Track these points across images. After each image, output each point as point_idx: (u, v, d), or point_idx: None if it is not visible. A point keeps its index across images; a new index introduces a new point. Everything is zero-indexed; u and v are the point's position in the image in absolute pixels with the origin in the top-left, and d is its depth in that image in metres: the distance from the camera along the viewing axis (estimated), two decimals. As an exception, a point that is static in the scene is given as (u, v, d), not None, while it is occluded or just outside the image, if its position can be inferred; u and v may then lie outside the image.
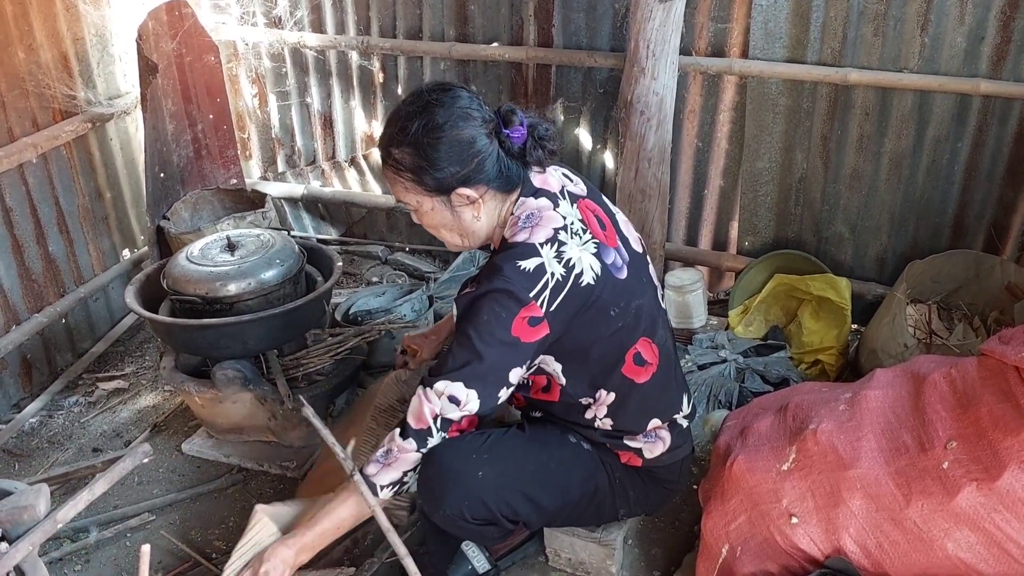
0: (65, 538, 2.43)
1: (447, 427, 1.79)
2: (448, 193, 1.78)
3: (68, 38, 3.18)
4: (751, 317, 3.13)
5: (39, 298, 3.14)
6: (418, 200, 1.82)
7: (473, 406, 1.76)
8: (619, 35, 3.17)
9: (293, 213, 4.06)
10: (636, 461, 2.01)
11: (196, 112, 3.42)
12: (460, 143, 1.73)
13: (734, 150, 3.18)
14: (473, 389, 1.74)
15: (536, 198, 1.83)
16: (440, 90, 1.77)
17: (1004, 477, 1.64)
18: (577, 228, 1.82)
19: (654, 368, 1.93)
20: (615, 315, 1.82)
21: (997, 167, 2.83)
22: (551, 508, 1.97)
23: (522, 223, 1.79)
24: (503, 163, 1.77)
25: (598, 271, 1.79)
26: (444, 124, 1.73)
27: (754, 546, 1.92)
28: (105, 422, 2.99)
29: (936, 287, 2.91)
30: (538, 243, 1.75)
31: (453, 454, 1.85)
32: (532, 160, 1.80)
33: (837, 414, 1.93)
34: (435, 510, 1.89)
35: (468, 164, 1.74)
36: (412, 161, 1.75)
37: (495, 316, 1.72)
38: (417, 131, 1.73)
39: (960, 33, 2.70)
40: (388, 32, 3.59)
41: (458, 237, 1.89)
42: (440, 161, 1.74)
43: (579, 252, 1.78)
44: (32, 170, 3.04)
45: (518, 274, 1.72)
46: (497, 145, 1.77)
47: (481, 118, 1.76)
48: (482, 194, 1.79)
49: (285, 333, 2.65)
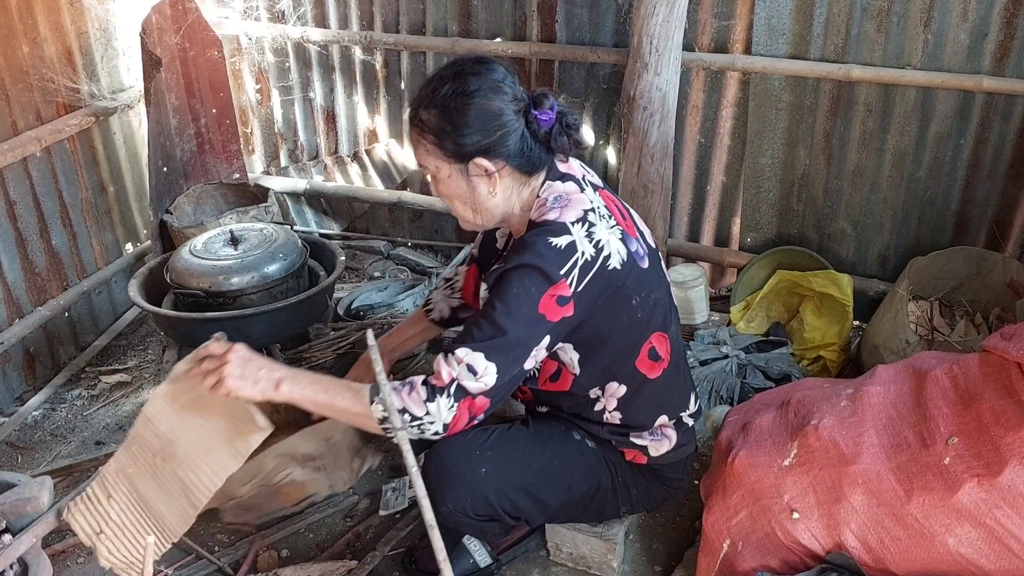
0: (68, 531, 2.43)
1: (460, 396, 1.71)
2: (466, 161, 1.77)
3: (72, 32, 3.18)
4: (753, 313, 3.13)
5: (42, 291, 3.15)
6: (437, 165, 1.80)
7: (490, 379, 1.70)
8: (622, 31, 3.17)
9: (296, 208, 4.07)
10: (641, 459, 2.01)
11: (199, 106, 3.42)
12: (486, 113, 1.73)
13: (736, 146, 3.18)
14: (493, 362, 1.70)
15: (563, 182, 1.84)
16: (477, 61, 1.79)
17: (1005, 473, 1.64)
18: (603, 212, 1.83)
19: (666, 364, 1.94)
20: (636, 304, 1.83)
21: (1000, 164, 2.83)
22: (553, 505, 1.98)
23: (551, 204, 1.80)
24: (526, 142, 1.77)
25: (624, 256, 1.80)
26: (474, 92, 1.73)
27: (755, 541, 1.92)
28: (108, 415, 3.00)
29: (938, 284, 2.91)
30: (569, 222, 1.76)
31: (456, 451, 1.86)
32: (556, 146, 1.80)
33: (839, 410, 1.93)
34: (438, 506, 1.88)
35: (491, 135, 1.74)
36: (437, 124, 1.75)
37: (524, 290, 1.71)
38: (447, 94, 1.74)
39: (963, 30, 2.70)
40: (391, 27, 3.60)
41: (471, 212, 1.86)
42: (464, 127, 1.73)
43: (607, 235, 1.78)
44: (36, 164, 3.05)
45: (550, 250, 1.72)
46: (524, 124, 1.77)
47: (512, 95, 1.77)
48: (500, 169, 1.78)
49: (288, 327, 2.66)
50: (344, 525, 2.43)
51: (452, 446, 1.86)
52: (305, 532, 2.42)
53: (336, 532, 2.40)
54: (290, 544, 2.37)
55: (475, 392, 1.72)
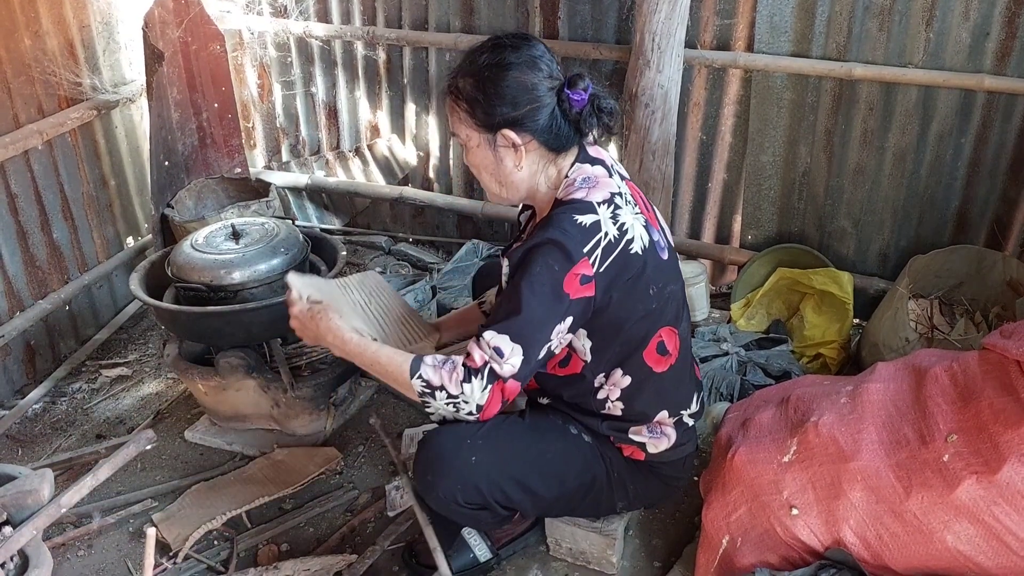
0: (68, 523, 2.44)
1: (492, 379, 1.73)
2: (494, 131, 1.80)
3: (74, 25, 3.18)
4: (753, 310, 3.14)
5: (43, 285, 3.15)
6: (468, 133, 1.84)
7: (516, 361, 1.72)
8: (624, 28, 3.17)
9: (297, 203, 4.07)
10: (639, 455, 2.01)
11: (201, 101, 3.42)
12: (519, 86, 1.76)
13: (738, 144, 3.18)
14: (518, 344, 1.72)
15: (593, 165, 1.87)
16: (517, 36, 1.82)
17: (1004, 470, 1.64)
18: (629, 199, 1.86)
19: (673, 360, 1.94)
20: (652, 294, 1.84)
21: (1000, 163, 2.83)
22: (547, 497, 1.98)
23: (579, 184, 1.82)
24: (556, 120, 1.79)
25: (646, 243, 1.82)
26: (509, 64, 1.77)
27: (754, 537, 1.93)
28: (108, 409, 3.00)
29: (938, 282, 2.91)
30: (596, 201, 1.78)
31: (448, 439, 1.88)
32: (587, 128, 1.82)
33: (838, 407, 1.93)
34: (429, 492, 1.92)
35: (520, 108, 1.77)
36: (471, 92, 1.79)
37: (547, 269, 1.72)
38: (483, 64, 1.78)
39: (965, 29, 2.70)
40: (394, 23, 3.60)
41: (496, 184, 1.89)
42: (495, 97, 1.77)
43: (632, 219, 1.81)
44: (37, 157, 3.05)
45: (575, 227, 1.74)
46: (556, 102, 1.79)
47: (548, 72, 1.79)
48: (526, 143, 1.80)
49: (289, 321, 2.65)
50: (344, 519, 2.44)
51: (444, 434, 1.89)
52: (305, 526, 2.42)
53: (336, 526, 2.41)
54: (290, 538, 2.38)
55: (505, 376, 1.74)
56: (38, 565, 1.76)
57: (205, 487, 2.53)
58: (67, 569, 2.32)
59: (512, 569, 2.24)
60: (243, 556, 2.32)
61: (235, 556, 2.30)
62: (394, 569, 2.26)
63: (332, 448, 2.68)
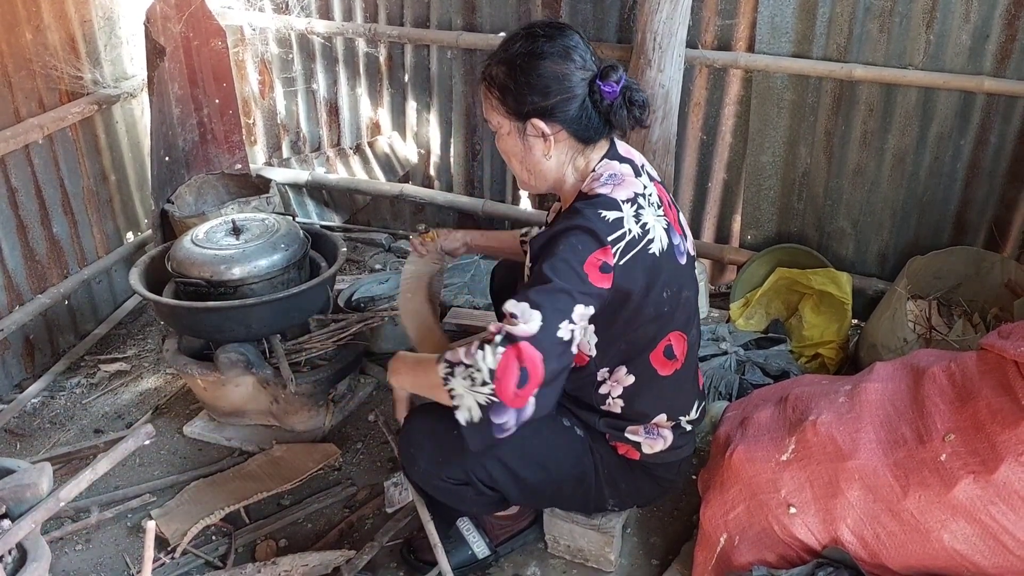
0: (66, 518, 2.44)
1: (506, 342, 1.62)
2: (524, 120, 1.80)
3: (76, 20, 3.18)
4: (752, 310, 3.14)
5: (43, 279, 3.15)
6: (499, 121, 1.84)
7: (534, 325, 1.63)
8: (626, 27, 3.17)
9: (297, 199, 4.07)
10: (634, 454, 2.00)
11: (202, 96, 3.43)
12: (551, 75, 1.76)
13: (738, 144, 3.19)
14: (537, 309, 1.64)
15: (621, 163, 1.86)
16: (552, 25, 1.81)
17: (1001, 470, 1.65)
18: (654, 201, 1.85)
19: (679, 365, 1.94)
20: (666, 297, 1.84)
21: (999, 165, 2.84)
22: (531, 482, 1.97)
23: (604, 180, 1.82)
24: (587, 111, 1.79)
25: (665, 246, 1.82)
26: (541, 53, 1.76)
27: (752, 535, 1.93)
28: (107, 403, 3.00)
29: (937, 283, 2.92)
30: (620, 199, 1.78)
31: (431, 414, 1.89)
32: (617, 120, 1.81)
33: (837, 406, 1.94)
34: (411, 465, 1.93)
35: (551, 98, 1.76)
36: (503, 80, 1.79)
37: (572, 248, 1.71)
38: (516, 52, 1.77)
39: (965, 31, 2.71)
40: (395, 20, 3.60)
41: (525, 172, 1.90)
42: (526, 86, 1.76)
43: (654, 220, 1.81)
44: (38, 151, 3.05)
45: (599, 219, 1.74)
46: (587, 93, 1.78)
47: (581, 63, 1.78)
48: (556, 132, 1.80)
49: (288, 317, 2.66)
50: (342, 515, 2.44)
51: (428, 411, 1.90)
52: (303, 522, 2.43)
53: (334, 522, 2.41)
54: (288, 534, 2.38)
55: (520, 336, 1.63)
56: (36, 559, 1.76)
57: (204, 483, 2.53)
58: (65, 563, 2.32)
59: (510, 566, 2.24)
60: (241, 552, 2.32)
61: (233, 551, 2.30)
62: (392, 565, 2.26)
63: (331, 444, 2.68)
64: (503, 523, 2.24)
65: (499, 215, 3.68)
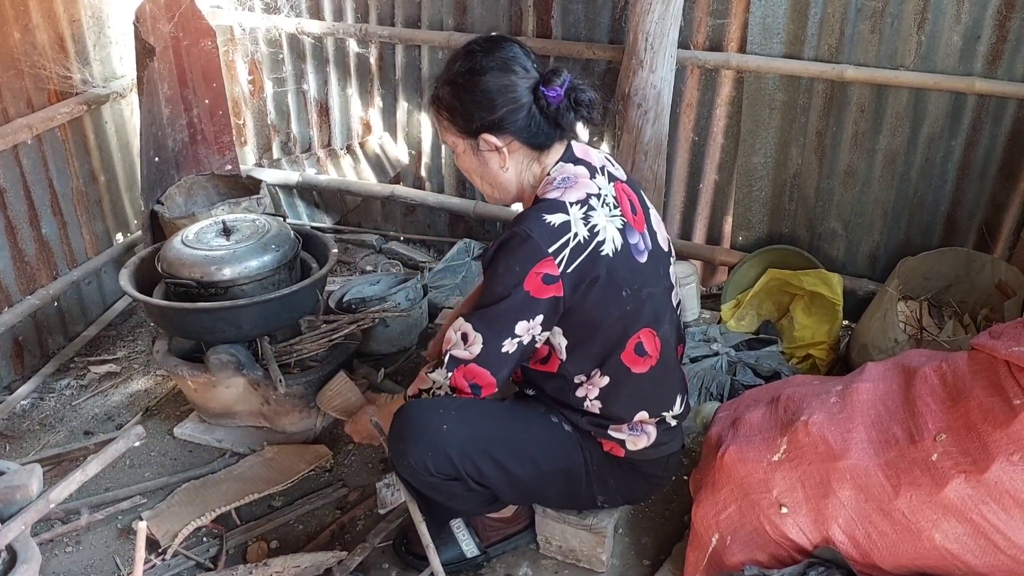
0: (56, 519, 2.42)
1: (454, 365, 1.84)
2: (476, 136, 1.83)
3: (65, 19, 3.16)
4: (744, 311, 3.15)
5: (32, 280, 3.13)
6: (454, 140, 1.88)
7: (476, 348, 1.80)
8: (618, 27, 3.18)
9: (288, 200, 4.06)
10: (618, 451, 2.01)
11: (192, 97, 3.41)
12: (493, 90, 1.78)
13: (730, 145, 3.19)
14: (479, 332, 1.80)
15: (576, 165, 1.88)
16: (489, 40, 1.84)
17: (992, 469, 1.65)
18: (609, 201, 1.87)
19: (653, 361, 1.94)
20: (626, 296, 1.85)
21: (990, 166, 2.85)
22: (521, 477, 1.97)
23: (557, 184, 1.84)
24: (535, 118, 1.81)
25: (618, 246, 1.83)
26: (482, 69, 1.78)
27: (744, 536, 1.93)
28: (97, 405, 2.99)
29: (927, 284, 2.93)
30: (568, 201, 1.80)
31: (421, 409, 1.91)
32: (565, 123, 1.83)
33: (828, 406, 1.94)
34: (401, 460, 1.93)
35: (497, 111, 1.79)
36: (449, 100, 1.83)
37: (509, 269, 1.77)
38: (457, 71, 1.81)
39: (956, 32, 2.72)
40: (386, 20, 3.59)
41: (488, 186, 1.94)
42: (471, 103, 1.80)
43: (605, 221, 1.82)
44: (27, 151, 3.03)
45: (541, 225, 1.76)
46: (533, 101, 1.80)
47: (523, 72, 1.80)
48: (508, 144, 1.83)
49: (279, 318, 2.65)
50: (334, 517, 2.43)
51: (418, 405, 1.93)
52: (295, 523, 2.42)
53: (326, 523, 2.41)
54: (280, 535, 2.38)
55: (465, 360, 1.82)
56: (26, 560, 1.75)
57: (195, 485, 2.52)
58: (55, 565, 2.30)
59: (502, 566, 2.24)
60: (232, 553, 2.31)
61: (224, 553, 2.29)
62: (384, 566, 2.26)
63: (322, 446, 2.67)
64: (496, 525, 2.24)
65: (490, 216, 3.67)
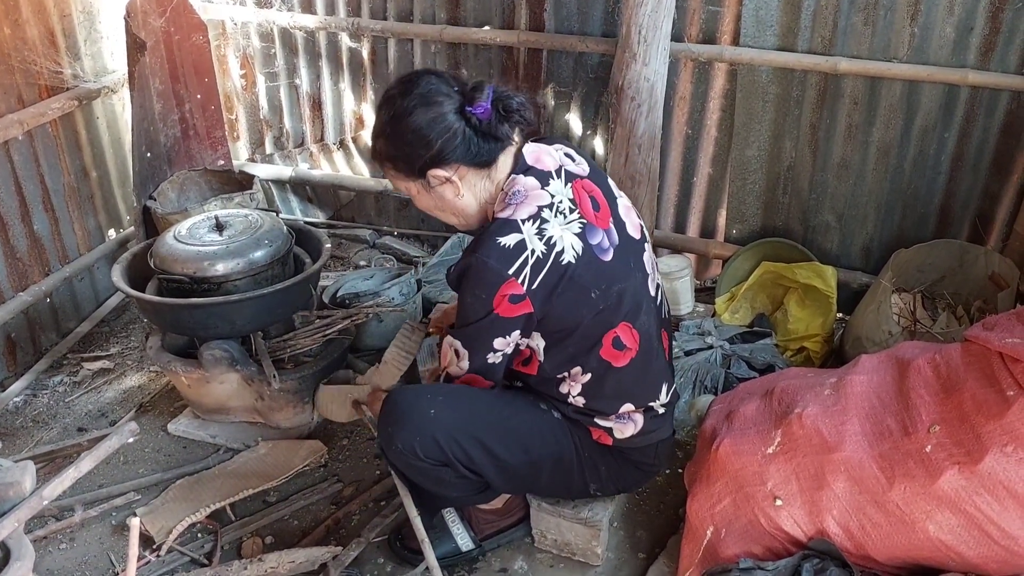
0: (50, 516, 2.42)
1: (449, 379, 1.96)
2: (424, 175, 1.84)
3: (55, 14, 3.14)
4: (738, 304, 3.15)
5: (23, 276, 3.12)
6: (405, 186, 1.90)
7: (465, 364, 1.90)
8: (611, 20, 3.17)
9: (281, 196, 4.04)
10: (607, 439, 2.02)
11: (184, 92, 3.39)
12: (422, 127, 1.78)
13: (723, 138, 3.19)
14: (466, 349, 1.89)
15: (526, 175, 1.86)
16: (403, 81, 1.85)
17: (986, 460, 1.66)
18: (565, 207, 1.85)
19: (633, 353, 1.94)
20: (596, 297, 1.85)
21: (983, 158, 2.85)
22: (511, 463, 1.97)
23: (508, 199, 1.84)
24: (471, 140, 1.81)
25: (579, 251, 1.82)
26: (404, 111, 1.79)
27: (738, 528, 1.94)
28: (90, 402, 2.98)
29: (921, 276, 2.93)
30: (520, 219, 1.80)
31: (409, 394, 1.94)
32: (501, 134, 1.82)
33: (822, 398, 1.94)
34: (389, 445, 1.94)
35: (432, 146, 1.79)
36: (387, 150, 1.85)
37: (476, 298, 1.81)
38: (386, 122, 1.83)
39: (949, 23, 2.72)
40: (379, 14, 3.57)
41: (452, 216, 1.95)
42: (406, 146, 1.81)
43: (561, 231, 1.82)
44: (17, 147, 3.01)
45: (497, 249, 1.77)
46: (464, 123, 1.80)
47: (446, 99, 1.79)
48: (455, 171, 1.83)
49: (273, 314, 2.64)
50: (329, 512, 2.43)
51: (406, 390, 1.97)
52: (290, 518, 2.42)
53: (321, 518, 2.41)
54: (275, 530, 2.37)
55: (456, 375, 1.93)
56: (20, 558, 1.74)
57: (189, 481, 2.52)
58: (49, 562, 2.30)
59: (497, 560, 2.24)
60: (227, 549, 2.31)
61: (219, 549, 2.29)
62: (379, 561, 2.26)
63: (317, 441, 2.67)
64: (489, 518, 2.24)
65: (485, 210, 3.66)
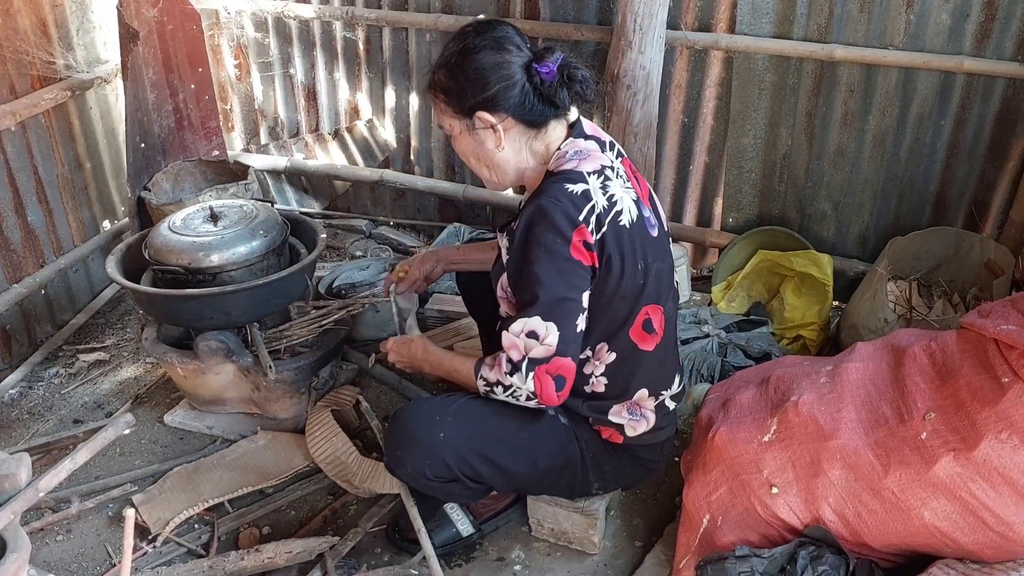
0: (47, 508, 2.42)
1: (532, 366, 1.75)
2: (471, 115, 1.84)
3: (47, 4, 3.12)
4: (734, 293, 3.15)
5: (18, 268, 3.10)
6: (450, 123, 1.89)
7: (552, 339, 1.74)
8: (606, 8, 3.15)
9: (276, 186, 4.03)
10: (617, 438, 2.02)
11: (178, 82, 3.38)
12: (486, 67, 1.80)
13: (719, 126, 3.18)
14: (551, 322, 1.74)
15: (587, 140, 1.89)
16: (484, 22, 1.87)
17: (981, 447, 1.66)
18: (622, 173, 1.88)
19: (659, 339, 1.95)
20: (640, 269, 1.86)
21: (979, 145, 2.85)
22: (519, 474, 1.98)
23: (570, 156, 1.85)
24: (528, 95, 1.82)
25: (634, 217, 1.84)
26: (474, 48, 1.80)
27: (735, 516, 1.94)
28: (86, 394, 2.97)
29: (917, 264, 2.94)
30: (586, 171, 1.81)
31: (417, 415, 1.92)
32: (559, 100, 1.83)
33: (818, 386, 1.95)
34: (398, 466, 1.94)
35: (490, 88, 1.80)
36: (445, 82, 1.85)
37: (552, 241, 1.75)
38: (451, 53, 1.84)
39: (945, 10, 2.71)
40: (373, 3, 3.56)
41: (485, 169, 1.94)
42: (465, 82, 1.81)
43: (622, 191, 1.84)
44: (10, 138, 3.00)
45: (567, 195, 1.77)
46: (526, 78, 1.81)
47: (516, 50, 1.82)
48: (502, 121, 1.83)
49: (268, 304, 2.63)
50: (326, 502, 2.43)
51: (413, 411, 1.94)
52: (287, 509, 2.42)
53: (318, 509, 2.41)
54: (272, 521, 2.37)
55: (544, 357, 1.75)
56: (16, 549, 1.74)
57: (187, 469, 2.51)
58: (46, 553, 2.30)
59: (494, 549, 2.25)
60: (224, 539, 2.31)
61: (216, 539, 2.29)
62: (376, 551, 2.26)
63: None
64: (486, 502, 2.25)
65: (480, 200, 3.66)
